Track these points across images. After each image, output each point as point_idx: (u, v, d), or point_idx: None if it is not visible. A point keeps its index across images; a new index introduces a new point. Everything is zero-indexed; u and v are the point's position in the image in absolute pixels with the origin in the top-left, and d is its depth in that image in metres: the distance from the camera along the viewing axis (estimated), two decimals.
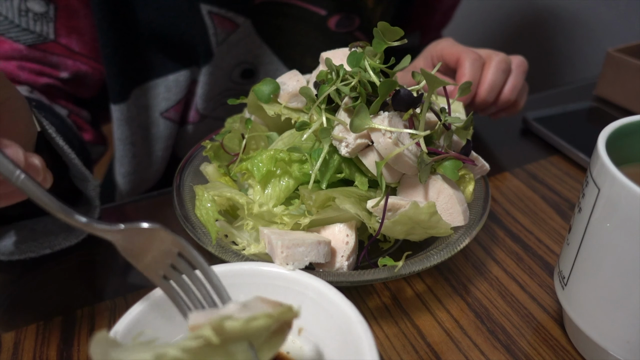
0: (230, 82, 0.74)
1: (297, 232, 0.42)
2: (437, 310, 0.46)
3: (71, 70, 0.65)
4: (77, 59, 0.65)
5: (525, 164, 0.67)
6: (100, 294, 0.48)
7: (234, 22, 0.68)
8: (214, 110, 0.76)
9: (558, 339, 0.43)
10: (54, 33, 0.63)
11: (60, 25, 0.63)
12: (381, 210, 0.42)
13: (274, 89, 0.48)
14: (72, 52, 0.65)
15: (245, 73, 0.74)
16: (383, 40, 0.43)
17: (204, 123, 0.77)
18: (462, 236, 0.44)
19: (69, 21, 0.64)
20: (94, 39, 0.66)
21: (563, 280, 0.40)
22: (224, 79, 0.73)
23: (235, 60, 0.72)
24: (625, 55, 0.79)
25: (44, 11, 0.62)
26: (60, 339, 0.43)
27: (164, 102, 0.72)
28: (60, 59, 0.64)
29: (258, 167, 0.45)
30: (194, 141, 0.75)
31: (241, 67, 0.73)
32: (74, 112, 0.67)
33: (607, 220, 0.35)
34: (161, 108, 0.73)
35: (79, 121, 0.68)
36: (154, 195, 0.61)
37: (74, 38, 0.64)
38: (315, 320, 0.37)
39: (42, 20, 0.62)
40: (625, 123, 0.39)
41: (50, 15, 0.62)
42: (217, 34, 0.67)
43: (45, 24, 0.63)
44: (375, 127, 0.41)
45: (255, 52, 0.73)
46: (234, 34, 0.69)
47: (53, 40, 0.63)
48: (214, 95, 0.74)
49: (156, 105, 0.73)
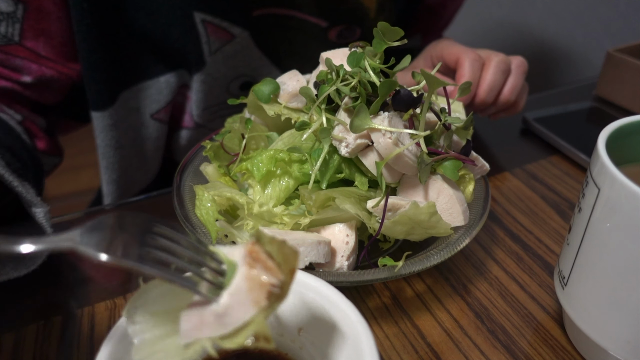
0: (228, 94, 0.73)
1: (297, 232, 0.42)
2: (437, 310, 0.46)
3: (35, 74, 0.61)
4: (42, 63, 0.62)
5: (525, 164, 0.67)
6: (100, 294, 0.48)
7: (229, 32, 0.67)
8: (211, 121, 0.75)
9: (558, 339, 0.43)
10: (19, 35, 0.59)
11: (27, 27, 0.59)
12: (381, 210, 0.42)
13: (274, 89, 0.48)
14: (37, 56, 0.61)
15: (245, 86, 0.73)
16: (383, 40, 0.43)
17: (200, 132, 0.76)
18: (462, 236, 0.44)
19: (38, 23, 0.60)
20: (63, 43, 0.62)
21: (563, 280, 0.40)
22: (221, 90, 0.72)
23: (233, 72, 0.71)
24: (625, 55, 0.79)
25: (11, 11, 0.58)
26: (60, 339, 0.43)
27: (155, 104, 0.71)
28: (24, 62, 0.60)
29: (258, 167, 0.45)
30: (190, 147, 0.74)
31: (240, 80, 0.73)
32: (29, 119, 0.63)
33: (607, 220, 0.35)
34: (152, 110, 0.71)
35: (33, 128, 0.64)
36: (154, 195, 0.61)
37: (41, 41, 0.61)
38: (315, 320, 0.37)
39: (7, 21, 0.58)
40: (625, 123, 0.39)
41: (18, 15, 0.58)
42: (210, 42, 0.66)
43: (10, 25, 0.59)
44: (375, 128, 0.41)
45: (254, 64, 0.72)
46: (229, 44, 0.68)
47: (17, 42, 0.59)
48: (209, 105, 0.73)
49: (146, 107, 0.71)
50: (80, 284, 0.49)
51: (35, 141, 0.65)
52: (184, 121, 0.76)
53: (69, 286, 0.49)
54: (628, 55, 0.79)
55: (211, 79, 0.70)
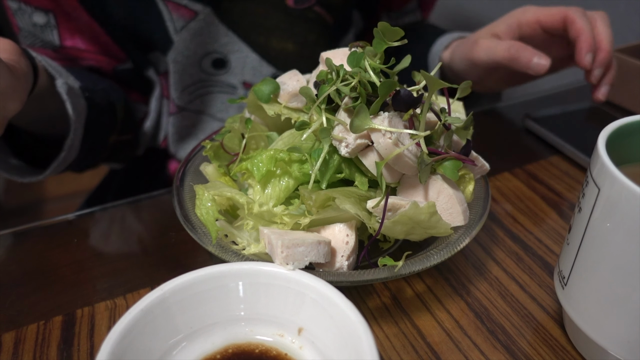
0: (202, 72, 0.75)
1: (297, 232, 0.42)
2: (437, 310, 0.46)
3: (86, 66, 0.69)
4: (85, 57, 0.69)
5: (525, 164, 0.67)
6: (100, 294, 0.48)
7: (190, 9, 0.69)
8: (191, 102, 0.77)
9: (558, 339, 0.43)
10: (58, 39, 0.67)
11: (62, 29, 0.66)
12: (381, 210, 0.42)
13: (273, 88, 0.48)
14: (80, 51, 0.68)
15: (216, 63, 0.75)
16: (383, 40, 0.43)
17: (184, 116, 0.78)
18: (462, 236, 0.44)
19: (69, 23, 0.66)
20: (93, 36, 0.69)
21: (563, 280, 0.40)
22: (194, 69, 0.74)
23: (201, 49, 0.72)
24: (625, 55, 0.79)
25: (46, 21, 0.66)
26: (60, 339, 0.43)
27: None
28: (74, 59, 0.69)
29: (258, 167, 0.45)
30: (179, 133, 0.79)
31: (211, 57, 0.74)
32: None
33: (607, 220, 0.35)
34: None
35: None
36: (154, 195, 0.61)
37: (77, 38, 0.67)
38: (315, 320, 0.37)
39: (46, 30, 0.66)
40: (625, 123, 0.39)
41: (52, 23, 0.66)
42: (173, 20, 0.68)
43: (49, 33, 0.67)
44: (375, 128, 0.41)
45: (221, 40, 0.73)
46: (193, 21, 0.69)
47: (59, 46, 0.67)
48: (186, 85, 0.75)
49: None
50: (80, 284, 0.49)
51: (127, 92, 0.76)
52: (170, 108, 0.78)
53: (69, 286, 0.49)
54: (628, 55, 0.79)
55: (182, 57, 0.72)
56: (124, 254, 0.53)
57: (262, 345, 0.38)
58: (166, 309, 0.36)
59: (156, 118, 0.79)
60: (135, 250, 0.54)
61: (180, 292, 0.37)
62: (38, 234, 0.56)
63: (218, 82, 0.76)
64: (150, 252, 0.53)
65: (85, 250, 0.53)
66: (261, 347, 0.38)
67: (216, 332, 0.38)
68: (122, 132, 0.74)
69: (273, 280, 0.39)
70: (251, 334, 0.39)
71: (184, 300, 0.37)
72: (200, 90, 0.76)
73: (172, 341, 0.37)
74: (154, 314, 0.36)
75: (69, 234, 0.55)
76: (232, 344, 0.38)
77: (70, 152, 0.61)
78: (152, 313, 0.35)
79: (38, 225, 0.57)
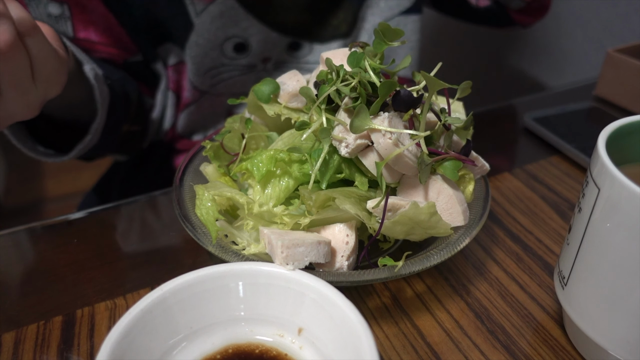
0: (224, 57, 0.75)
1: (297, 232, 0.42)
2: (437, 310, 0.46)
3: (98, 58, 0.69)
4: (97, 49, 0.69)
5: (525, 164, 0.67)
6: (100, 294, 0.48)
7: None
8: (213, 86, 0.77)
9: (558, 339, 0.43)
10: (72, 30, 0.67)
11: (76, 21, 0.67)
12: (381, 211, 0.42)
13: (274, 88, 0.48)
14: (93, 43, 0.69)
15: (238, 47, 0.75)
16: (383, 40, 0.43)
17: (206, 100, 0.79)
18: (462, 236, 0.44)
19: (83, 16, 0.67)
20: (106, 28, 0.69)
21: (563, 280, 0.40)
22: (216, 53, 0.74)
23: (222, 32, 0.73)
24: (625, 55, 0.79)
25: (60, 12, 0.66)
26: (60, 339, 0.43)
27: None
28: (87, 51, 0.68)
29: (258, 167, 0.45)
30: (200, 116, 0.80)
31: (232, 41, 0.74)
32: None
33: (607, 220, 0.35)
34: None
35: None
36: (154, 195, 0.61)
37: (91, 30, 0.68)
38: (315, 321, 0.37)
39: (60, 21, 0.67)
40: (625, 123, 0.39)
41: (67, 14, 0.66)
42: (194, 3, 0.69)
43: (63, 24, 0.67)
44: (375, 128, 0.41)
45: (242, 24, 0.73)
46: (212, 4, 0.70)
47: (72, 38, 0.67)
48: (209, 69, 0.75)
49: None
50: (80, 284, 0.49)
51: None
52: (187, 97, 0.78)
53: (69, 286, 0.49)
54: (628, 55, 0.79)
55: (204, 41, 0.72)
56: (124, 254, 0.53)
57: (262, 346, 0.38)
58: (166, 309, 0.36)
59: (161, 111, 0.80)
60: (135, 250, 0.54)
61: (180, 292, 0.37)
62: (38, 234, 0.56)
63: (240, 66, 0.77)
64: (150, 252, 0.53)
65: (85, 250, 0.53)
66: (261, 347, 0.38)
67: (216, 332, 0.38)
68: (133, 123, 0.75)
69: (273, 281, 0.39)
70: (251, 334, 0.39)
71: (184, 300, 0.37)
72: (224, 74, 0.77)
73: (172, 341, 0.37)
74: (154, 314, 0.36)
75: (69, 234, 0.55)
76: (232, 344, 0.38)
77: (94, 136, 0.63)
78: (152, 313, 0.35)
79: (38, 225, 0.57)
